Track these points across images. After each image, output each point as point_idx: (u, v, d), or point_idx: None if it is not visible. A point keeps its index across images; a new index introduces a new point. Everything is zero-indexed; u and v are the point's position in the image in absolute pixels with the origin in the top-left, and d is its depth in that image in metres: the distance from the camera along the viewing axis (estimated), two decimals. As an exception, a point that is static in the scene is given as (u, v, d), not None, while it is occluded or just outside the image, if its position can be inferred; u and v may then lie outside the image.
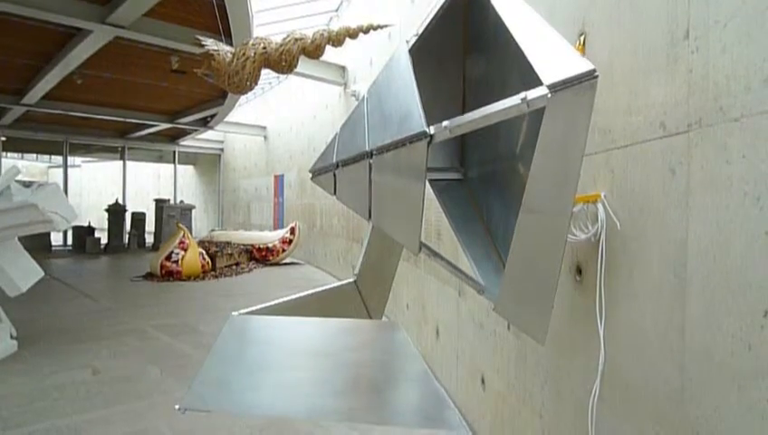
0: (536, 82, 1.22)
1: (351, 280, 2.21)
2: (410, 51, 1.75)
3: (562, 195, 1.29)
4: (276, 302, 1.98)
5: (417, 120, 1.45)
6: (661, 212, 1.53)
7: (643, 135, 1.63)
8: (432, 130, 1.40)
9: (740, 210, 1.25)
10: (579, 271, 1.97)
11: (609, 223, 1.76)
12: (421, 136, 1.42)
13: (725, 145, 1.30)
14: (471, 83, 2.17)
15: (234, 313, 1.73)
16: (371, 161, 1.62)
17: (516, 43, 1.33)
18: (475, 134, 2.19)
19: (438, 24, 1.88)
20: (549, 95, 1.18)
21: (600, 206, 1.79)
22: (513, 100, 1.24)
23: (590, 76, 1.16)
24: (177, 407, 1.19)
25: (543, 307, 1.36)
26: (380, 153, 1.58)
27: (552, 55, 1.27)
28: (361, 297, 2.20)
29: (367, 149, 1.64)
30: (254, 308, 1.84)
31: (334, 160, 1.80)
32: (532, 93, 1.21)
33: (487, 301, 1.80)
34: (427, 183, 2.13)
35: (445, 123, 1.38)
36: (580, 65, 1.17)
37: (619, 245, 1.72)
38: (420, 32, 1.84)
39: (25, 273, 4.97)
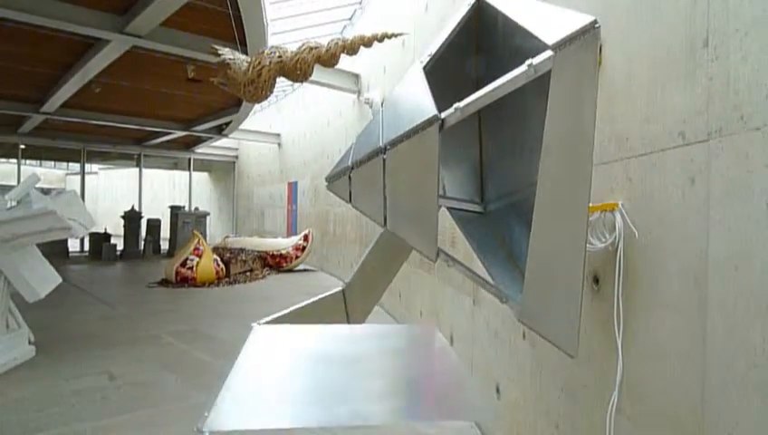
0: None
1: (339, 289, 2.21)
2: (424, 69, 1.77)
3: (578, 164, 1.26)
4: (284, 312, 2.00)
5: (427, 107, 1.46)
6: (681, 222, 1.52)
7: (662, 144, 1.62)
8: (443, 114, 1.41)
9: (762, 220, 1.24)
10: (596, 280, 1.95)
11: (627, 232, 1.74)
12: (432, 120, 1.42)
13: (747, 154, 1.29)
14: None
15: (254, 323, 1.71)
16: (385, 157, 1.63)
17: (525, 46, 1.34)
18: (494, 168, 2.18)
19: (451, 43, 1.90)
20: (554, 55, 1.18)
21: (617, 215, 1.78)
22: (520, 68, 1.23)
23: (591, 27, 1.15)
24: (196, 428, 1.04)
25: (570, 317, 1.34)
26: (394, 145, 1.58)
27: (551, 20, 1.27)
28: (345, 306, 2.19)
29: (381, 144, 1.64)
30: (269, 318, 1.84)
31: (349, 163, 1.81)
32: (538, 58, 1.20)
33: (503, 309, 1.78)
34: (448, 211, 2.13)
35: (455, 105, 1.39)
36: (580, 20, 1.17)
37: (638, 254, 1.71)
38: (433, 52, 1.85)
39: (44, 279, 5.04)
